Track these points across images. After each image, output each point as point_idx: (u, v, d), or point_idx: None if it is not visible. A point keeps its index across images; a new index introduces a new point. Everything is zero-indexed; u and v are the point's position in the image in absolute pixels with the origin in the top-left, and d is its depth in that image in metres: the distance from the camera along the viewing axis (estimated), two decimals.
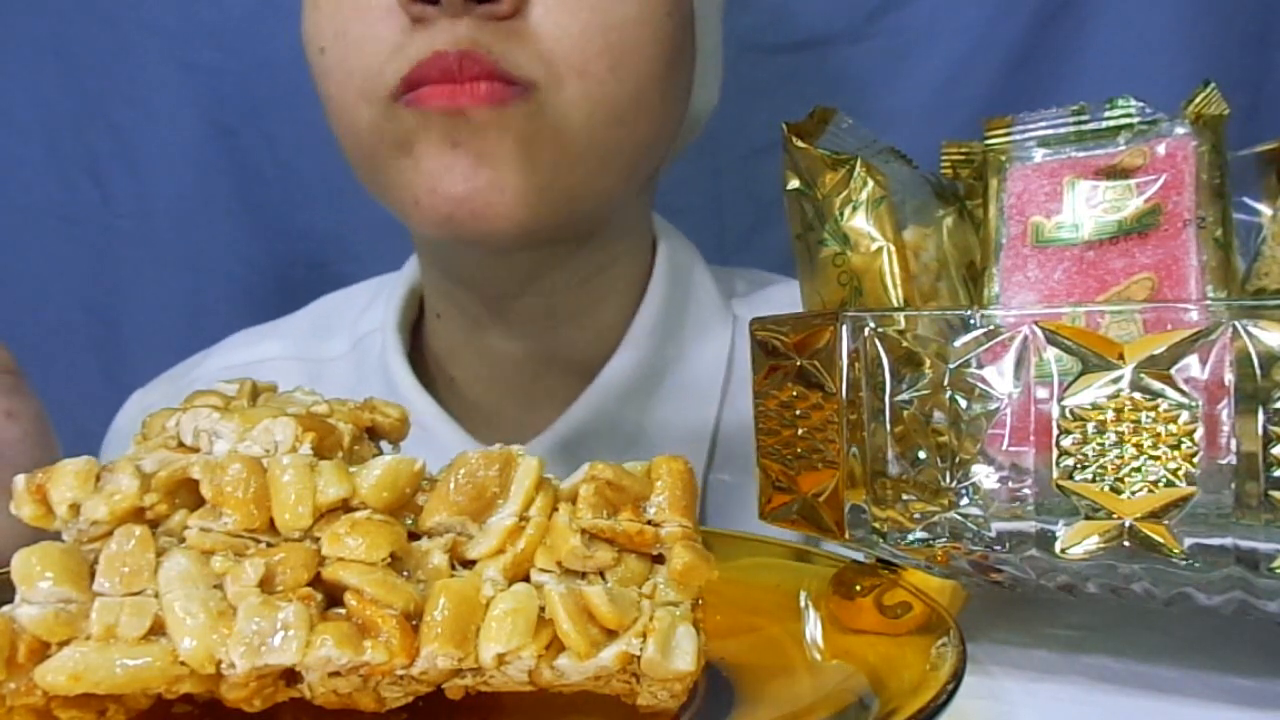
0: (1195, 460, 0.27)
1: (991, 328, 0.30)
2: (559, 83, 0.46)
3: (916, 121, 0.77)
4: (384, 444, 0.32)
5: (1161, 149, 0.35)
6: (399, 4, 0.45)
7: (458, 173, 0.46)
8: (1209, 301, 0.33)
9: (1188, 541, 0.27)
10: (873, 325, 0.31)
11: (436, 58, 0.45)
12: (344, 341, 0.65)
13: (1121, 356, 0.28)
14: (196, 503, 0.26)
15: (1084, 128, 0.37)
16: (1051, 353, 0.29)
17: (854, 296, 0.37)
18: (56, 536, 0.26)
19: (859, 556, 0.35)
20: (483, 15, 0.45)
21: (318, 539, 0.25)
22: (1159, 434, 0.27)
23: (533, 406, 0.58)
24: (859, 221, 0.37)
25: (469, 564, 0.26)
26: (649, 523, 0.27)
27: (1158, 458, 0.27)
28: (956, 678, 0.26)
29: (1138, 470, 0.27)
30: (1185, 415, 0.27)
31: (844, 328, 0.31)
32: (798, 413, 0.33)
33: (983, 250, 0.37)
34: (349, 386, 0.62)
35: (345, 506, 0.26)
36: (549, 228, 0.49)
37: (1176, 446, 0.27)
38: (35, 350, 0.43)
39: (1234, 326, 0.27)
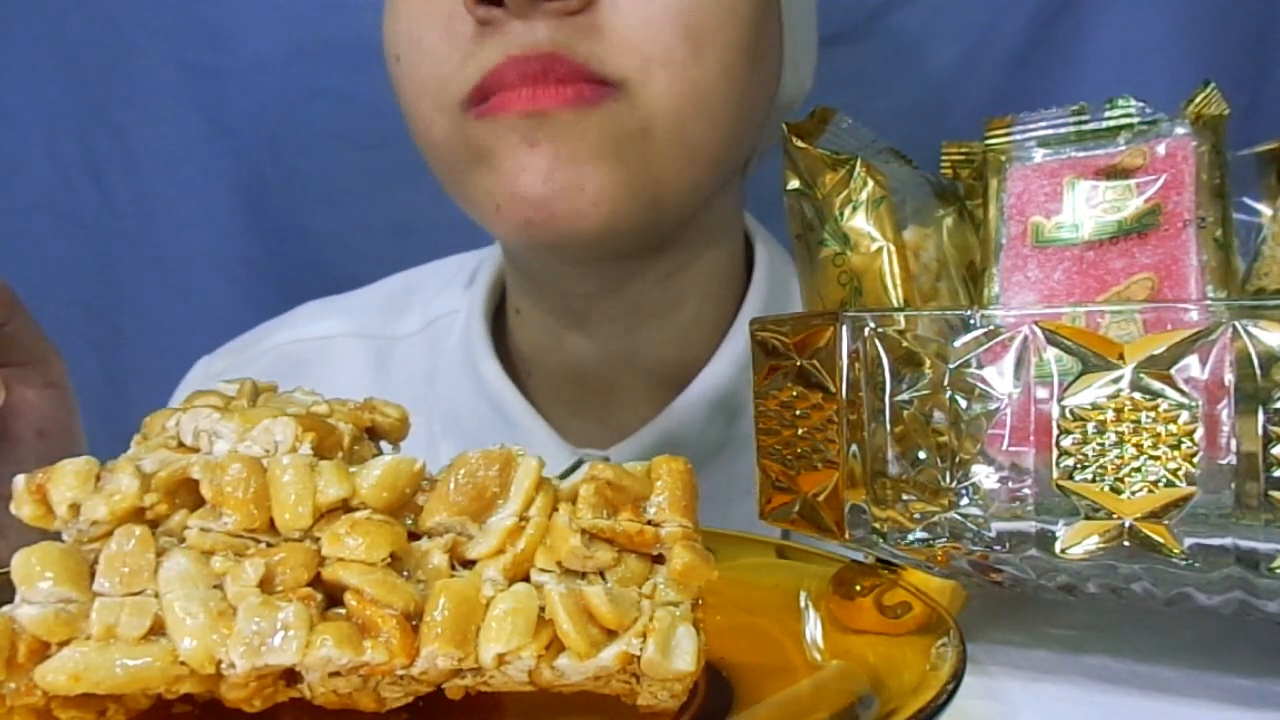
0: (1195, 460, 0.27)
1: (991, 328, 0.30)
2: (649, 76, 0.45)
3: (916, 121, 0.77)
4: (384, 444, 0.32)
5: (1161, 149, 0.35)
6: (464, 6, 0.44)
7: (535, 173, 0.45)
8: (1209, 301, 0.33)
9: (1188, 541, 0.27)
10: (873, 325, 0.31)
11: (512, 62, 0.44)
12: (416, 320, 0.65)
13: (1121, 356, 0.28)
14: (196, 503, 0.26)
15: (1084, 128, 0.37)
16: (1051, 353, 0.29)
17: (854, 296, 0.37)
18: (57, 536, 0.26)
19: (859, 556, 0.35)
20: (551, 12, 0.44)
21: (318, 539, 0.25)
22: (1159, 434, 0.27)
23: (612, 407, 0.58)
24: (859, 221, 0.37)
25: (469, 564, 0.26)
26: (649, 523, 0.27)
27: (1158, 458, 0.27)
28: (956, 678, 0.26)
29: (1138, 470, 0.27)
30: (1185, 415, 0.27)
31: (844, 328, 0.31)
32: (798, 413, 0.33)
33: (983, 250, 0.37)
34: (421, 367, 0.62)
35: (345, 506, 0.26)
36: (633, 229, 0.47)
37: (1176, 446, 0.27)
38: None
39: (1234, 326, 0.27)
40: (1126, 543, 0.28)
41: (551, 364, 0.58)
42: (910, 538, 0.31)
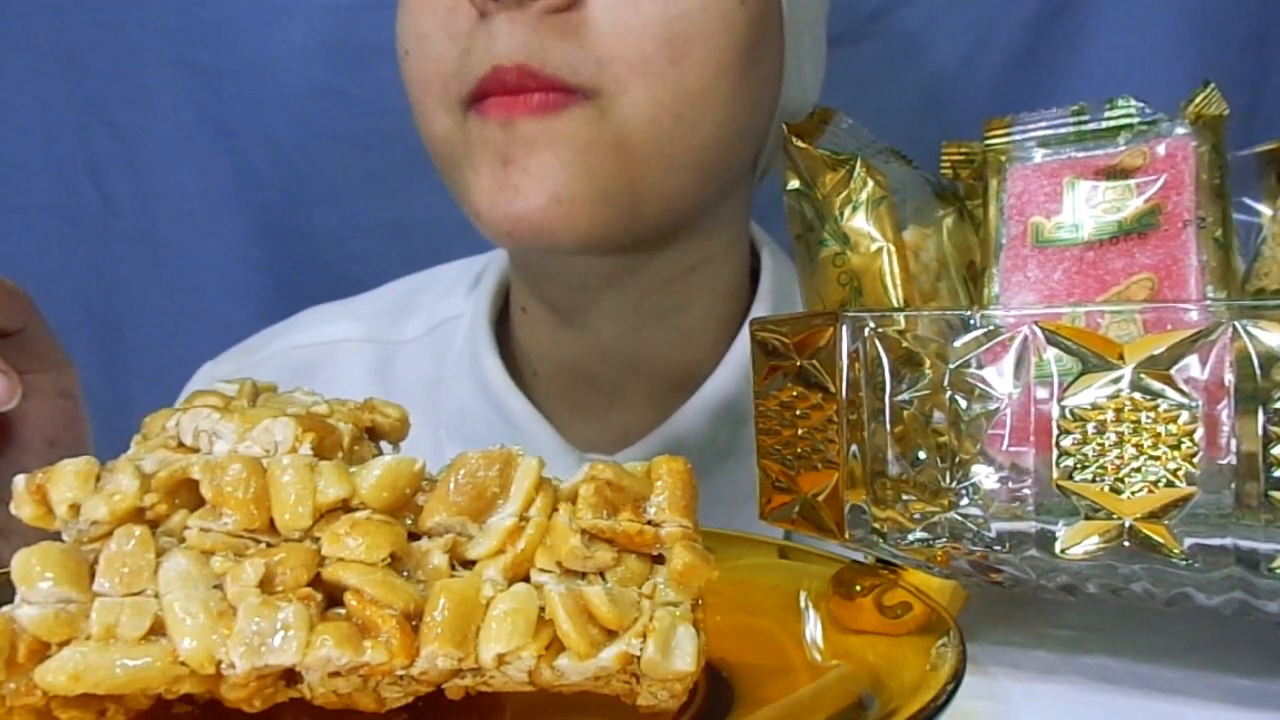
0: (1195, 460, 0.27)
1: (991, 328, 0.30)
2: (622, 87, 0.46)
3: (916, 121, 0.77)
4: (384, 444, 0.32)
5: (1161, 149, 0.35)
6: None
7: (510, 193, 0.46)
8: (1209, 301, 0.33)
9: (1188, 541, 0.27)
10: (873, 325, 0.31)
11: (495, 73, 0.45)
12: (420, 324, 0.65)
13: (1121, 356, 0.28)
14: (196, 503, 0.26)
15: (1084, 128, 0.37)
16: (1051, 353, 0.29)
17: (854, 296, 0.37)
18: (57, 536, 0.26)
19: (859, 556, 0.35)
20: (541, 8, 0.45)
21: (318, 539, 0.25)
22: (1159, 434, 0.27)
23: (615, 410, 0.58)
24: (859, 221, 0.37)
25: (469, 564, 0.26)
26: (649, 523, 0.27)
27: (1158, 458, 0.27)
28: (956, 678, 0.26)
29: (1138, 470, 0.27)
30: (1185, 415, 0.27)
31: (844, 328, 0.31)
32: (798, 413, 0.33)
33: (983, 250, 0.37)
34: (424, 371, 0.63)
35: (345, 506, 0.26)
36: (616, 234, 0.48)
37: (1176, 446, 0.27)
38: None
39: (1234, 326, 0.27)
40: (1126, 543, 0.28)
41: (555, 363, 0.58)
42: (910, 538, 0.31)
